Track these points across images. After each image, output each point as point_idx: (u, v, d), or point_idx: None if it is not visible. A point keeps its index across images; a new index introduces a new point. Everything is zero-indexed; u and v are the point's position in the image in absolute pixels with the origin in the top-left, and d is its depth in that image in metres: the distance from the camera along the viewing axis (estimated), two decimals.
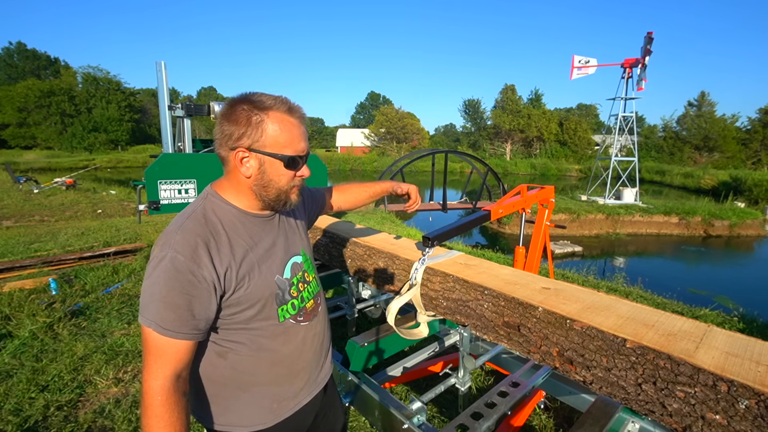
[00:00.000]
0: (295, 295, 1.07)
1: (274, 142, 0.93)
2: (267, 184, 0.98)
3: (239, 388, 1.02)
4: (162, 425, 0.84)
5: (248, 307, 0.97)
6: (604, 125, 27.23)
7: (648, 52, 15.73)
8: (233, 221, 0.98)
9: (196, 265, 0.88)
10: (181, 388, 0.89)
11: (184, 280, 0.86)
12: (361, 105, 70.99)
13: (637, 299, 5.06)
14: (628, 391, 1.08)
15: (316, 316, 1.15)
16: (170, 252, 0.87)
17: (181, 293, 0.86)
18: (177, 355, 0.88)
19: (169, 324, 0.85)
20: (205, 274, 0.88)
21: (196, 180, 2.85)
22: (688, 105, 41.33)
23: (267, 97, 0.94)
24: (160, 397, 0.85)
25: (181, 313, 0.86)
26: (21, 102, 42.33)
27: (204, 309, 0.90)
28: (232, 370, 1.01)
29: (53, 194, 13.00)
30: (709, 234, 14.52)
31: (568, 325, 1.22)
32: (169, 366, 0.87)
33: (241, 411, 1.03)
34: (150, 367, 0.86)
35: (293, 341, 1.07)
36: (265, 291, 0.99)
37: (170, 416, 0.85)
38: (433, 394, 1.92)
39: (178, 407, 0.87)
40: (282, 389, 1.07)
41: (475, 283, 1.54)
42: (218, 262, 0.91)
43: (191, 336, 0.89)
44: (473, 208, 14.18)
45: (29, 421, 2.34)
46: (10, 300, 3.92)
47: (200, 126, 42.01)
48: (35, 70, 49.99)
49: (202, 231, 0.92)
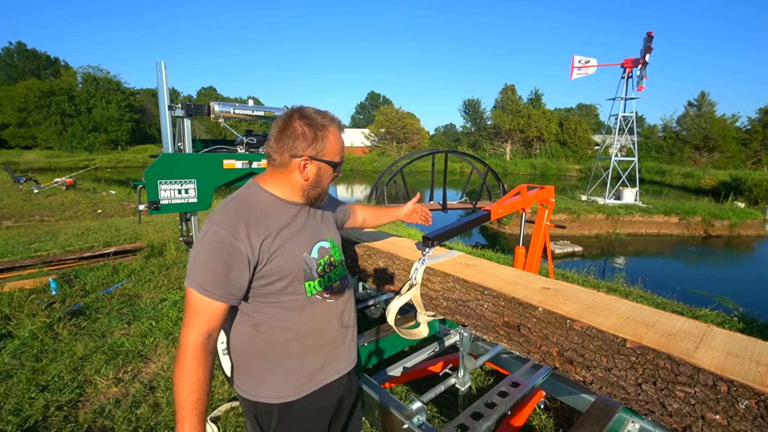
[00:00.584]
0: (321, 274, 1.22)
1: (331, 152, 1.16)
2: (317, 185, 1.19)
3: (271, 360, 1.16)
4: (189, 373, 0.99)
5: (279, 278, 1.12)
6: (604, 125, 27.24)
7: (649, 49, 15.72)
8: (269, 206, 1.16)
9: (235, 238, 1.04)
10: (209, 346, 1.04)
11: (223, 250, 1.03)
12: (361, 105, 70.95)
13: (637, 299, 5.06)
14: (628, 391, 1.08)
15: (341, 296, 1.29)
16: (214, 227, 1.05)
17: (220, 261, 1.03)
18: (211, 315, 1.04)
19: (208, 286, 1.02)
20: (241, 247, 1.04)
21: (196, 180, 2.85)
22: (688, 105, 41.39)
23: (318, 113, 1.14)
24: (192, 350, 1.01)
25: (219, 278, 1.03)
26: (21, 102, 42.31)
27: (238, 277, 1.05)
28: (265, 342, 1.15)
29: (53, 194, 13.00)
30: (709, 234, 14.52)
31: (568, 325, 1.22)
32: (204, 324, 1.03)
33: (274, 382, 1.17)
34: (188, 323, 1.03)
35: (319, 316, 1.21)
36: (294, 265, 1.14)
37: (197, 367, 1.00)
38: (433, 394, 1.92)
39: (205, 361, 1.02)
40: (309, 362, 1.20)
41: (475, 283, 1.54)
42: (254, 236, 1.07)
43: (225, 299, 1.04)
44: (473, 208, 14.17)
45: (29, 421, 2.34)
46: (10, 300, 3.92)
47: (200, 126, 42.04)
48: (35, 70, 49.97)
49: (243, 211, 1.10)
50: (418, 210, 1.76)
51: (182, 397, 0.99)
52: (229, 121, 3.15)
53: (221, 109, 2.99)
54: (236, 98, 50.23)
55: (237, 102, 3.76)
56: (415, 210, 1.76)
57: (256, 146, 3.29)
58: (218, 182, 3.02)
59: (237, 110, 3.07)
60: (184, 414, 0.98)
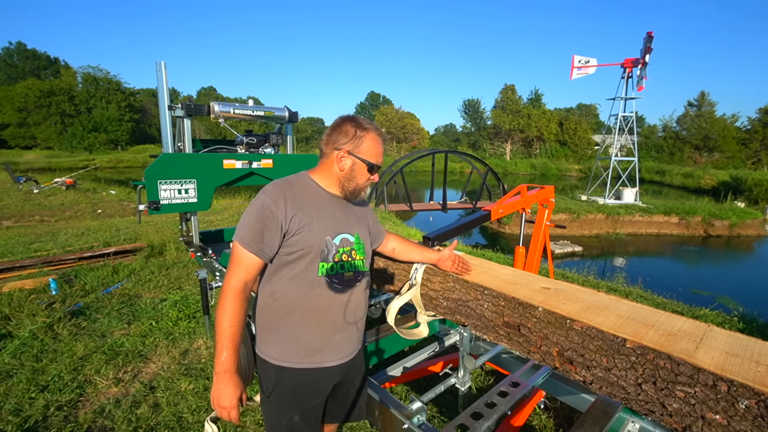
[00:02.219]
0: (336, 260, 1.33)
1: (366, 152, 1.33)
2: (351, 178, 1.35)
3: (279, 326, 1.32)
4: (228, 310, 1.21)
5: (299, 250, 1.27)
6: (604, 125, 27.23)
7: (649, 49, 15.72)
8: (310, 191, 1.35)
9: (275, 205, 1.25)
10: (246, 293, 1.25)
11: (264, 213, 1.24)
12: (361, 105, 70.90)
13: (637, 299, 5.06)
14: (628, 391, 1.08)
15: (351, 288, 1.38)
16: (262, 195, 1.28)
17: (259, 221, 1.24)
18: (247, 266, 1.25)
19: (247, 239, 1.23)
20: (278, 214, 1.24)
21: (196, 180, 2.85)
22: (688, 105, 41.38)
23: (365, 120, 1.36)
24: (232, 293, 1.22)
25: (256, 235, 1.24)
26: (21, 102, 42.28)
27: (270, 237, 1.24)
28: (275, 309, 1.31)
29: (53, 194, 13.00)
30: (709, 234, 14.52)
31: (568, 325, 1.22)
32: (242, 273, 1.24)
33: (279, 344, 1.32)
34: (230, 271, 1.25)
35: (324, 298, 1.32)
36: (315, 242, 1.29)
37: (235, 306, 1.21)
38: (433, 394, 1.92)
39: (242, 303, 1.23)
40: (309, 337, 1.32)
41: (475, 283, 1.54)
42: (290, 209, 1.26)
43: (257, 253, 1.24)
44: (473, 208, 14.18)
45: (29, 421, 2.34)
46: (10, 300, 3.92)
47: (200, 126, 42.00)
48: (35, 70, 49.94)
49: (287, 187, 1.31)
50: (455, 259, 1.63)
51: (222, 329, 1.19)
52: (229, 121, 3.15)
53: (221, 109, 2.99)
54: (236, 98, 50.18)
55: (237, 102, 3.76)
56: (451, 258, 1.63)
57: (256, 146, 3.28)
58: (218, 182, 3.02)
59: (237, 110, 3.06)
60: (223, 344, 1.19)
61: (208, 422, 1.56)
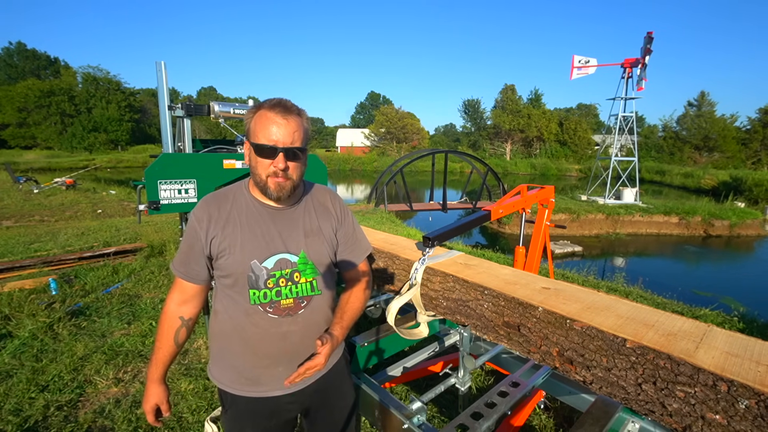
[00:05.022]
0: (270, 286, 1.17)
1: (253, 133, 1.11)
2: (253, 171, 1.15)
3: (221, 348, 1.24)
4: (157, 330, 1.23)
5: (227, 275, 1.17)
6: (604, 125, 27.22)
7: (648, 51, 15.72)
8: (242, 204, 1.20)
9: (199, 226, 1.16)
10: (179, 312, 1.21)
11: (190, 234, 1.17)
12: (361, 105, 70.96)
13: (637, 299, 5.06)
14: (628, 391, 1.08)
15: (291, 316, 1.19)
16: (192, 212, 1.19)
17: (186, 243, 1.18)
18: (181, 288, 1.20)
19: (176, 263, 1.19)
20: (201, 235, 1.15)
21: (196, 180, 2.85)
22: (688, 105, 41.35)
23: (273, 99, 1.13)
24: (162, 313, 1.21)
25: (182, 258, 1.18)
26: (21, 102, 42.28)
27: (196, 261, 1.17)
28: (219, 331, 1.23)
29: (53, 194, 12.99)
30: (709, 234, 14.51)
31: (568, 325, 1.22)
32: (177, 293, 1.21)
33: (222, 370, 1.25)
34: (169, 290, 1.23)
35: (260, 327, 1.18)
36: (238, 268, 1.15)
37: (161, 323, 1.21)
38: (433, 394, 1.92)
39: (169, 321, 1.20)
40: (245, 366, 1.21)
41: (475, 283, 1.54)
42: (212, 230, 1.16)
43: (184, 277, 1.18)
44: (473, 208, 14.18)
45: (29, 421, 2.34)
46: (10, 300, 3.92)
47: (200, 126, 42.01)
48: (35, 70, 49.95)
49: (214, 202, 1.19)
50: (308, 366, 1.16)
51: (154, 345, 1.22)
52: (229, 121, 3.15)
53: (221, 109, 2.98)
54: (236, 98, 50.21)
55: (237, 102, 3.76)
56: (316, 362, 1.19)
57: None
58: (218, 182, 3.02)
59: (237, 110, 3.06)
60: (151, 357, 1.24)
61: (208, 422, 1.56)
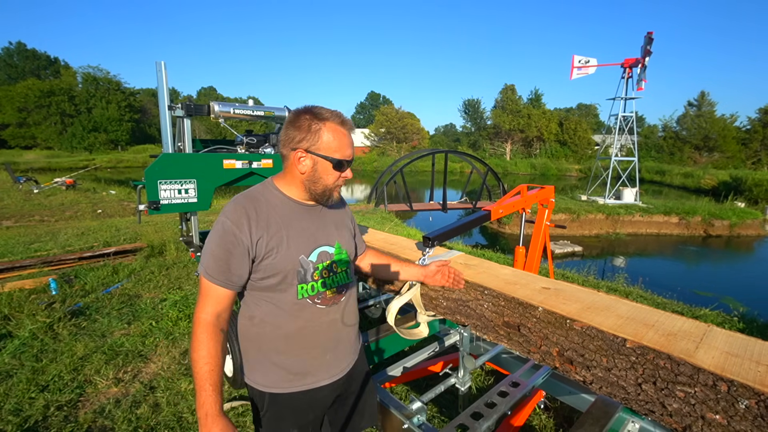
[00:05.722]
0: (316, 278, 1.21)
1: (327, 147, 1.14)
2: (316, 180, 1.18)
3: (261, 352, 1.21)
4: (202, 347, 1.07)
5: (272, 275, 1.15)
6: (604, 125, 27.22)
7: (648, 52, 15.72)
8: (277, 204, 1.19)
9: (238, 229, 1.10)
10: (219, 324, 1.11)
11: (228, 239, 1.10)
12: (361, 105, 70.89)
13: (637, 299, 5.06)
14: (628, 391, 1.08)
15: (336, 304, 1.26)
16: (222, 218, 1.13)
17: (223, 249, 1.10)
18: (217, 298, 1.12)
19: (212, 271, 1.11)
20: (243, 238, 1.11)
21: (196, 180, 2.85)
22: (688, 105, 41.32)
23: (325, 110, 1.15)
24: (203, 327, 1.09)
25: (221, 265, 1.10)
26: (21, 102, 42.25)
27: (238, 266, 1.12)
28: (256, 335, 1.21)
29: (53, 194, 12.99)
30: (709, 234, 14.51)
31: (568, 325, 1.22)
32: (211, 305, 1.11)
33: (264, 372, 1.22)
34: (199, 304, 1.12)
35: (309, 320, 1.21)
36: (288, 265, 1.16)
37: (208, 341, 1.08)
38: (433, 394, 1.92)
39: (215, 336, 1.09)
40: (295, 362, 1.22)
41: (475, 283, 1.54)
42: (254, 231, 1.12)
43: (225, 284, 1.12)
44: (473, 208, 14.18)
45: (29, 421, 2.34)
46: (10, 300, 3.92)
47: (200, 126, 42.01)
48: (35, 70, 49.93)
49: (249, 204, 1.15)
50: (444, 272, 1.53)
51: (197, 368, 1.06)
52: (229, 121, 3.15)
53: (221, 109, 2.98)
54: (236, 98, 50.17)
55: (237, 102, 3.76)
56: (441, 271, 1.53)
57: (256, 146, 3.28)
58: (218, 182, 3.02)
59: (237, 110, 3.06)
60: (201, 384, 1.06)
61: None
